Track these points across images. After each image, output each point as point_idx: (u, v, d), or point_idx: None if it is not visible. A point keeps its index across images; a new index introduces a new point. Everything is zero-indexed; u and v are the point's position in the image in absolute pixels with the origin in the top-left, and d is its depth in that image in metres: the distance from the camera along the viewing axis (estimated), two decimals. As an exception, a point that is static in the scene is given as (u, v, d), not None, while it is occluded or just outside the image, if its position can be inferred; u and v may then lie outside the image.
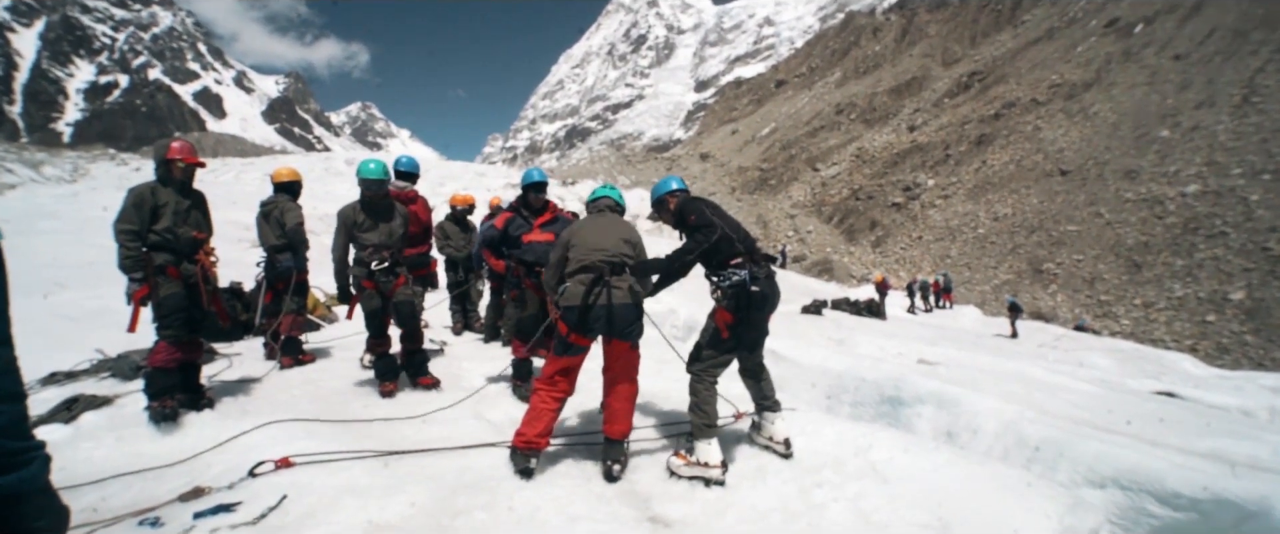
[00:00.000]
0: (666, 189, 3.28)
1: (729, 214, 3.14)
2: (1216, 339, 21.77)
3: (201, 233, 3.56)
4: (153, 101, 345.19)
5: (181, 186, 3.49)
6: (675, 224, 3.12)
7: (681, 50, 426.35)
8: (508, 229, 4.28)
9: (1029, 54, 51.98)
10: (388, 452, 3.02)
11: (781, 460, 3.05)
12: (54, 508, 1.02)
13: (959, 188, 39.96)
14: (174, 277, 3.41)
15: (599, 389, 4.59)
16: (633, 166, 64.21)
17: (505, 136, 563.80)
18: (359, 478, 2.70)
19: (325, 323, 6.44)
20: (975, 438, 4.04)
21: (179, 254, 3.45)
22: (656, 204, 3.30)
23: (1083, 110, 39.11)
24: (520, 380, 4.20)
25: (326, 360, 5.10)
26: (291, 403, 3.84)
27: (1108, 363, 12.37)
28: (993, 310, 25.88)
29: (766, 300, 2.96)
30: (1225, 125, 30.51)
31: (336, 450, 2.95)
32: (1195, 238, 26.13)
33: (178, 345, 3.41)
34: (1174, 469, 3.07)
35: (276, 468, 2.75)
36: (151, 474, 2.76)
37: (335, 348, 5.51)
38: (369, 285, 4.09)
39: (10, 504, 0.94)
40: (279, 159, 38.88)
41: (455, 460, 2.97)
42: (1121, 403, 6.82)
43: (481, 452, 3.07)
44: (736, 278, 2.83)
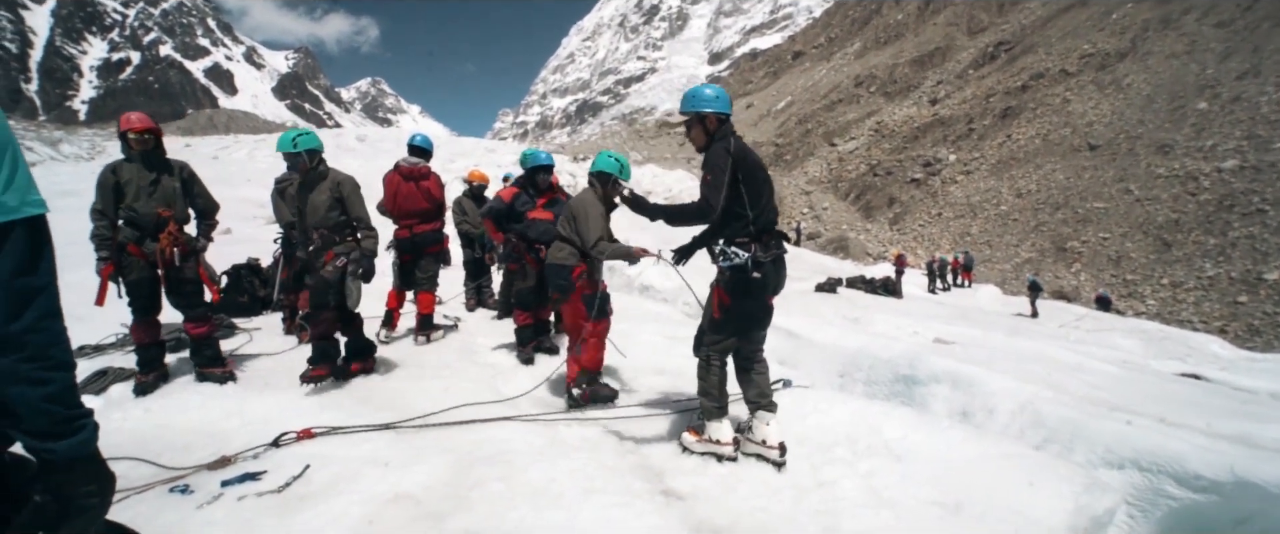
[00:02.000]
0: (701, 104, 2.70)
1: (762, 176, 2.70)
2: (1247, 320, 21.20)
3: (167, 210, 3.49)
4: (165, 78, 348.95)
5: (145, 158, 3.46)
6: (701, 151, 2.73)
7: (695, 21, 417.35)
8: (514, 204, 4.43)
9: (1060, 22, 49.93)
10: (405, 424, 3.09)
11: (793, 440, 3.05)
12: (102, 474, 1.06)
13: (981, 163, 38.97)
14: (135, 255, 3.43)
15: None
16: (645, 142, 63.57)
17: (516, 112, 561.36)
18: (379, 450, 2.77)
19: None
20: (991, 418, 4.01)
21: (142, 231, 3.45)
22: (689, 121, 2.77)
23: (1115, 82, 37.64)
24: (522, 346, 4.50)
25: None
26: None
27: (1131, 344, 12.14)
28: (1013, 289, 25.44)
29: (765, 287, 2.67)
30: (1269, 97, 29.16)
31: (356, 423, 3.02)
32: (1230, 215, 25.25)
33: (141, 325, 3.51)
34: (1195, 451, 3.02)
35: (299, 439, 2.83)
36: (179, 444, 2.85)
37: (354, 323, 5.60)
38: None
39: (62, 470, 0.98)
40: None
41: (472, 433, 3.03)
42: (1144, 384, 6.70)
43: (498, 425, 3.13)
44: (737, 260, 2.57)
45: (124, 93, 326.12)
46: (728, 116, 2.73)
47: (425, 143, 5.04)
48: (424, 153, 4.96)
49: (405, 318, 5.37)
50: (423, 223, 4.84)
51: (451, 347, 4.95)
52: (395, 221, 4.91)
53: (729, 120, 2.73)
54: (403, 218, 4.84)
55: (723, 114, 2.70)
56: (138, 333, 3.54)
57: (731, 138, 2.65)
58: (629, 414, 3.32)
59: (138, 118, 3.48)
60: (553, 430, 3.05)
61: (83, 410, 1.02)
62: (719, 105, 2.70)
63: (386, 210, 4.92)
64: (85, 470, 1.02)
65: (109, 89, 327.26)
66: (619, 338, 5.30)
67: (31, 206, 0.96)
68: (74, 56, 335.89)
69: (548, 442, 2.89)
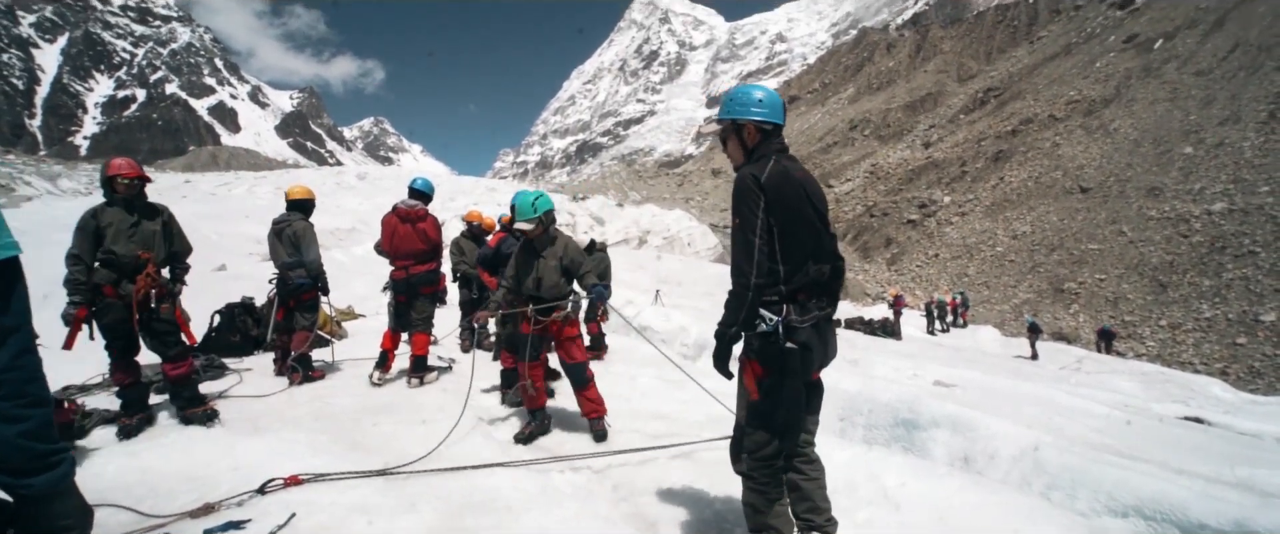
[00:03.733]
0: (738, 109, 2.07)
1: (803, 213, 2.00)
2: (1248, 362, 21.09)
3: (147, 252, 3.52)
4: (169, 115, 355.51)
5: (128, 203, 3.51)
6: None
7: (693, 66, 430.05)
8: (501, 248, 4.47)
9: (1046, 70, 51.60)
10: (396, 471, 3.03)
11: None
12: (80, 507, 1.09)
13: (976, 205, 39.52)
14: (109, 296, 3.42)
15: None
16: (644, 182, 64.51)
17: (516, 151, 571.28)
18: (368, 497, 2.71)
19: (336, 339, 6.51)
20: (991, 463, 3.94)
21: (120, 272, 3.45)
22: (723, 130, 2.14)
23: (1103, 127, 38.61)
24: (507, 389, 4.51)
25: (337, 377, 5.14)
26: (301, 420, 3.87)
27: (1132, 386, 12.03)
28: (1012, 330, 25.38)
29: (809, 363, 1.99)
30: (1251, 142, 29.90)
31: (345, 469, 2.96)
32: (1223, 257, 25.47)
33: (121, 366, 3.49)
34: (1199, 499, 2.97)
35: (286, 485, 2.76)
36: (163, 489, 2.78)
37: (346, 365, 5.56)
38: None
39: (40, 504, 1.00)
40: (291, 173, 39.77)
41: (463, 480, 2.96)
42: (1146, 428, 6.62)
43: (489, 472, 3.06)
44: (765, 326, 1.93)
45: (127, 129, 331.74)
46: (777, 128, 2.08)
47: (426, 186, 5.12)
48: (423, 196, 5.04)
49: (400, 359, 5.33)
50: (418, 263, 4.88)
51: (445, 389, 4.89)
52: (391, 262, 4.94)
53: (779, 133, 2.08)
54: (399, 258, 4.88)
55: (769, 124, 2.04)
56: (118, 375, 3.53)
57: (772, 158, 1.99)
58: (623, 461, 3.26)
59: (127, 164, 3.55)
60: (545, 477, 3.00)
61: (60, 446, 1.05)
62: (765, 112, 2.03)
63: (383, 251, 4.96)
64: (63, 505, 1.03)
65: (112, 125, 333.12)
66: (616, 380, 5.26)
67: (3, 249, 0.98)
68: (80, 93, 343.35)
69: (540, 489, 2.83)
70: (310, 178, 39.29)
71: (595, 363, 6.33)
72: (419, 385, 4.89)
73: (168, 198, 18.05)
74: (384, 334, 5.01)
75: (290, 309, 5.00)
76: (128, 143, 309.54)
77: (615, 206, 38.33)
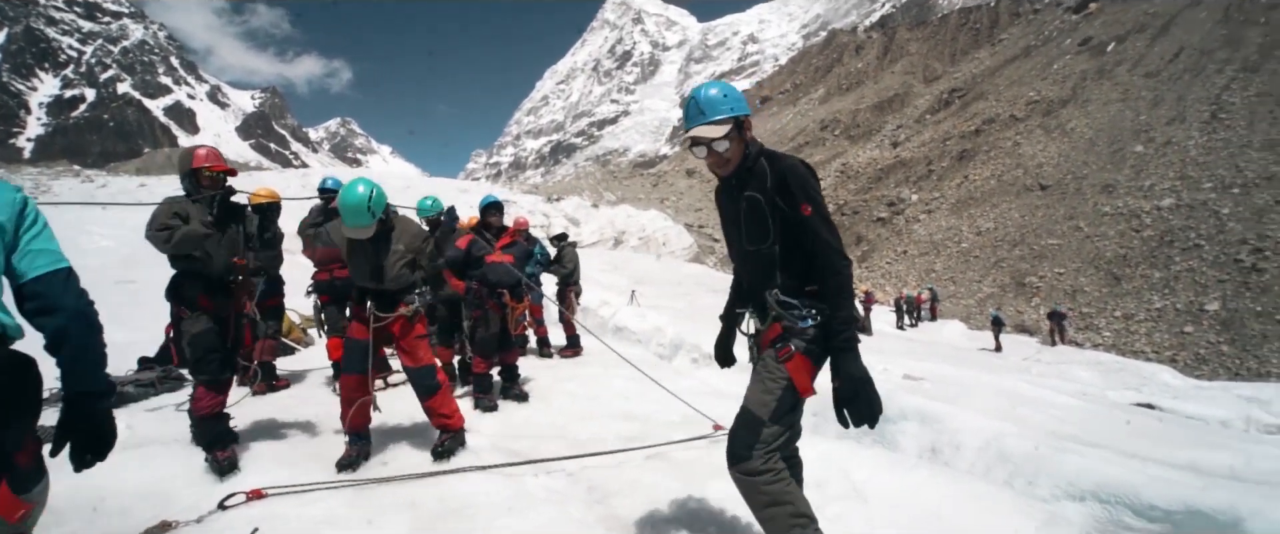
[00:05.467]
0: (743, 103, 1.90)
1: None
2: (1194, 350, 22.14)
3: (242, 258, 3.18)
4: (122, 116, 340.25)
5: (215, 202, 3.08)
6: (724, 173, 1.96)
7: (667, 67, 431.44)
8: (470, 250, 4.41)
9: (1007, 71, 53.29)
10: (365, 480, 2.97)
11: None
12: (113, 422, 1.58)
13: (942, 203, 40.59)
14: (206, 307, 3.04)
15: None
16: (619, 183, 64.49)
17: (489, 152, 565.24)
18: (335, 509, 2.64)
19: (301, 347, 6.34)
20: (958, 454, 4.06)
21: (211, 282, 3.07)
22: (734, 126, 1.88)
23: (1060, 126, 40.06)
24: (481, 394, 4.39)
25: (301, 386, 5.01)
26: (265, 431, 3.76)
27: (1090, 375, 12.52)
28: (978, 324, 26.13)
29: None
30: (1196, 141, 31.42)
31: (312, 481, 2.89)
32: (1171, 250, 26.70)
33: (216, 388, 3.08)
34: (1150, 482, 3.11)
35: (248, 500, 2.68)
36: (116, 508, 2.67)
37: (311, 373, 5.42)
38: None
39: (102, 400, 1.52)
40: (254, 176, 38.53)
41: (434, 487, 2.92)
42: (1103, 416, 6.90)
43: (461, 477, 3.02)
44: (812, 321, 1.87)
45: (76, 130, 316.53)
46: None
47: (337, 184, 4.91)
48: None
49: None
50: (344, 267, 4.71)
51: (410, 393, 4.80)
52: (315, 266, 4.77)
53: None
54: (325, 263, 4.69)
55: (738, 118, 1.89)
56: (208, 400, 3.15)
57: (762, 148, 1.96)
58: (598, 462, 3.25)
59: (212, 153, 3.15)
60: (518, 482, 2.97)
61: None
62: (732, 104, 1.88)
63: (309, 257, 4.80)
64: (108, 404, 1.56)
65: (59, 126, 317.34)
66: (590, 382, 5.24)
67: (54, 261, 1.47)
68: (22, 93, 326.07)
69: (513, 494, 2.81)
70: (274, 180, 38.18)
71: (570, 362, 6.32)
72: (384, 388, 4.78)
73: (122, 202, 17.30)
74: (329, 343, 4.83)
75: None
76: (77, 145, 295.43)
77: (590, 207, 38.21)
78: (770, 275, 1.94)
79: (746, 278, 2.06)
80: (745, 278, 2.08)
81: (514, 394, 4.58)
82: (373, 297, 3.19)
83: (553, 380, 5.26)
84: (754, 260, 1.96)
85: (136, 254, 3.33)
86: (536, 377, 5.29)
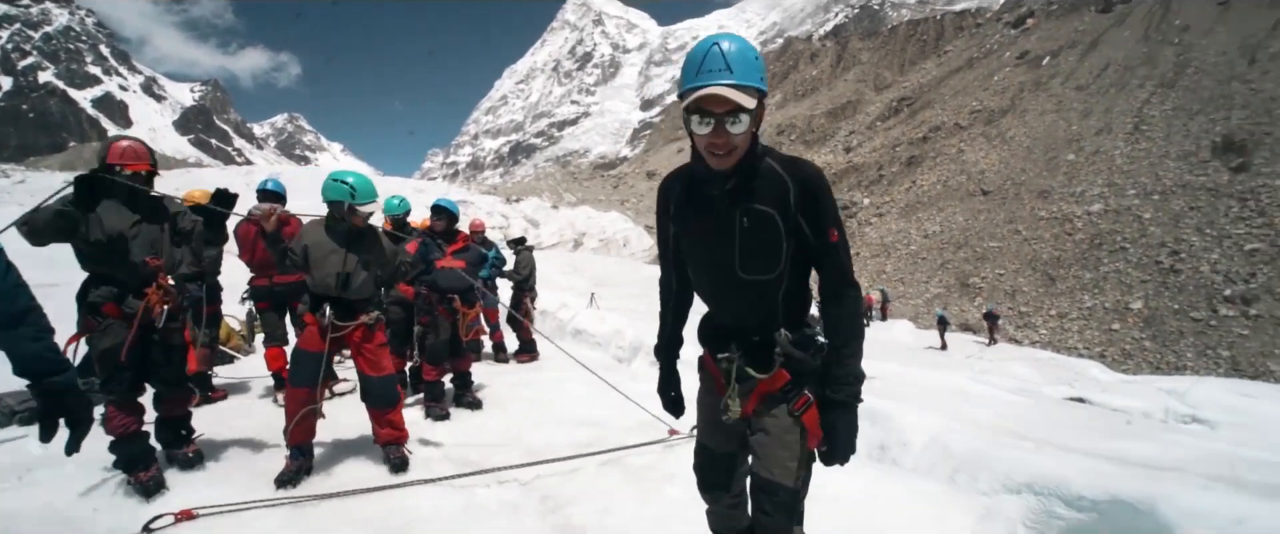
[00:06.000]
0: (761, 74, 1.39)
1: None
2: (1121, 346, 23.73)
3: (156, 259, 2.86)
4: (43, 107, 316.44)
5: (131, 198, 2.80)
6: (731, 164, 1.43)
7: (627, 69, 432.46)
8: (424, 254, 4.28)
9: (952, 81, 55.86)
10: (306, 497, 2.83)
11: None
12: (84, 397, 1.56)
13: (892, 206, 42.15)
14: (114, 316, 2.75)
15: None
16: (579, 184, 64.22)
17: (446, 151, 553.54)
18: (273, 528, 2.51)
19: (240, 355, 6.02)
20: (905, 451, 4.20)
21: (123, 287, 2.80)
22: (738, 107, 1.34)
23: (1000, 134, 42.25)
24: (432, 402, 4.27)
25: (240, 397, 4.75)
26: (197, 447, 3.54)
27: (1027, 371, 13.22)
28: (925, 323, 27.22)
29: None
30: (1121, 150, 33.70)
31: (248, 499, 2.73)
32: (1100, 252, 28.54)
33: (127, 408, 2.79)
34: (1079, 473, 3.29)
35: (177, 521, 2.51)
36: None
37: (252, 383, 5.15)
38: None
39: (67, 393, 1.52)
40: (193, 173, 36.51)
41: (380, 502, 2.81)
42: (1039, 410, 7.29)
43: (408, 491, 2.92)
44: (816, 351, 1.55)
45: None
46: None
47: (278, 186, 4.73)
48: (278, 198, 4.69)
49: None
50: (285, 273, 4.54)
51: (358, 404, 4.63)
52: (253, 271, 4.56)
53: None
54: (264, 268, 4.50)
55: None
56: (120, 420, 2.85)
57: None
58: (552, 471, 3.21)
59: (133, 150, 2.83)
60: (468, 494, 2.89)
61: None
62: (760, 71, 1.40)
63: (246, 262, 4.60)
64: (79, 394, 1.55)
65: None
66: (545, 387, 5.18)
67: None
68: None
69: (463, 507, 2.73)
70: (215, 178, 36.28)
71: (526, 367, 6.22)
72: (329, 398, 4.58)
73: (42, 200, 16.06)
74: (267, 352, 4.61)
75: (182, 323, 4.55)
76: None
77: (550, 209, 37.88)
78: (772, 311, 1.54)
79: (730, 311, 1.61)
80: (728, 311, 1.62)
81: (467, 402, 4.48)
82: (331, 304, 3.05)
83: (507, 386, 5.17)
84: (750, 292, 1.53)
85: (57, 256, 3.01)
86: (491, 383, 5.18)
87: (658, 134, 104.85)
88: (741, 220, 1.47)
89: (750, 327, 1.57)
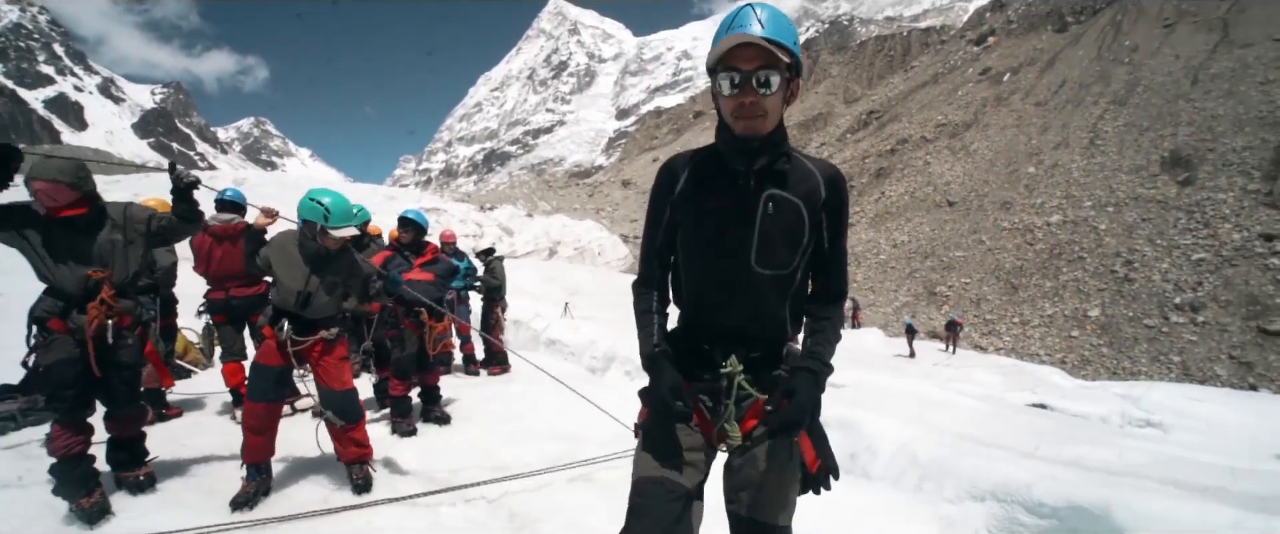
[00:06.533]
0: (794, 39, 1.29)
1: None
2: (1080, 352, 24.60)
3: (100, 271, 2.68)
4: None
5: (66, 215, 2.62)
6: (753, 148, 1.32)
7: (603, 78, 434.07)
8: (388, 267, 4.17)
9: (918, 96, 57.57)
10: (263, 519, 2.72)
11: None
12: None
13: (862, 217, 43.07)
14: (59, 331, 2.61)
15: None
16: (554, 192, 64.01)
17: (419, 158, 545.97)
18: (227, 552, 2.40)
19: (197, 369, 5.79)
20: (874, 459, 4.26)
21: (67, 300, 2.64)
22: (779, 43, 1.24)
23: (964, 147, 43.65)
24: (400, 417, 4.18)
25: (197, 414, 4.56)
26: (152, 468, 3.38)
27: (992, 379, 13.56)
28: (894, 331, 27.80)
29: None
30: (1078, 164, 35.14)
31: (201, 524, 2.61)
32: (1059, 262, 29.61)
33: (72, 426, 2.62)
34: (1040, 480, 3.38)
35: (120, 547, 2.39)
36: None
37: (208, 399, 4.95)
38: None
39: None
40: (152, 177, 35.17)
41: (342, 523, 2.72)
42: (1002, 417, 7.47)
43: (372, 512, 2.84)
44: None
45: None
46: None
47: (237, 196, 4.61)
48: (237, 208, 4.56)
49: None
50: (244, 286, 4.36)
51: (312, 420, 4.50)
52: (209, 283, 4.42)
53: None
54: (221, 280, 4.35)
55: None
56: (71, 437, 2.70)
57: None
58: (520, 486, 3.15)
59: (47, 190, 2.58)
60: (434, 513, 2.82)
61: None
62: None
63: (202, 274, 4.45)
64: None
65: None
66: (516, 401, 5.11)
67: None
68: None
69: (427, 526, 2.66)
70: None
71: (497, 380, 6.13)
72: (291, 414, 4.43)
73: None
74: (224, 368, 4.45)
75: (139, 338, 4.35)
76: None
77: (525, 217, 37.62)
78: (778, 312, 1.42)
79: (735, 311, 1.40)
80: (731, 311, 1.41)
81: (434, 416, 4.38)
82: (290, 319, 2.98)
83: (477, 400, 5.08)
84: (760, 289, 1.38)
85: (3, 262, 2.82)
86: (460, 397, 5.09)
87: (633, 143, 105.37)
88: (766, 205, 1.35)
89: (753, 333, 1.42)
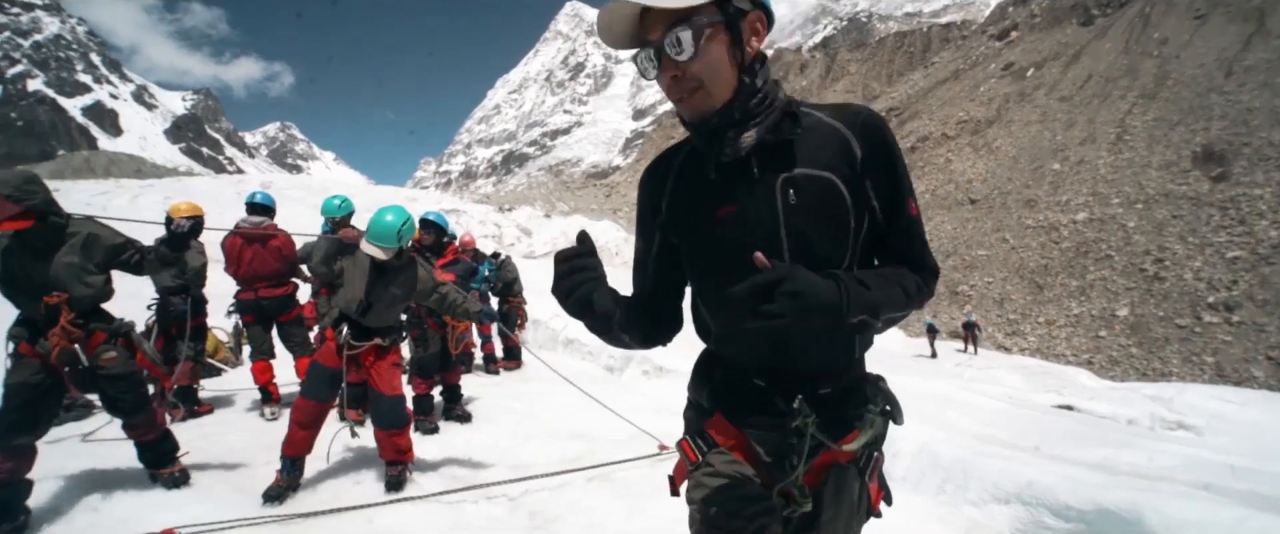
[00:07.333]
0: None
1: None
2: (1107, 353, 23.96)
3: (55, 295, 2.58)
4: (31, 115, 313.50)
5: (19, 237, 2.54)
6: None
7: (619, 79, 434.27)
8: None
9: (938, 92, 56.60)
10: (291, 514, 2.79)
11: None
12: None
13: (882, 215, 42.57)
14: (27, 355, 2.61)
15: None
16: (572, 193, 64.28)
17: (439, 160, 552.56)
18: (256, 546, 2.48)
19: (228, 368, 5.95)
20: (895, 461, 4.22)
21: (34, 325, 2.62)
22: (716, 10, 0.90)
23: (986, 144, 42.80)
24: (422, 416, 4.26)
25: (227, 411, 4.69)
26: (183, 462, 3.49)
27: (1016, 379, 13.31)
28: (915, 331, 27.39)
29: None
30: (1105, 160, 34.22)
31: (232, 517, 2.69)
32: (1086, 261, 28.88)
33: (10, 452, 2.55)
34: (1064, 482, 3.32)
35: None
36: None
37: (238, 397, 5.09)
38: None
39: None
40: (183, 181, 36.08)
41: (368, 520, 2.78)
42: (1027, 418, 7.33)
43: (396, 508, 2.89)
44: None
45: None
46: None
47: (266, 199, 4.70)
48: (267, 210, 4.68)
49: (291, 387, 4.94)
50: (273, 287, 4.51)
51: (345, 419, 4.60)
52: (239, 284, 4.54)
53: None
54: (251, 281, 4.48)
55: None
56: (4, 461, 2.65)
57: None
58: (540, 486, 3.19)
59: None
60: (456, 511, 2.87)
61: None
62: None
63: (232, 275, 4.60)
64: None
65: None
66: (535, 400, 5.16)
67: None
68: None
69: (451, 525, 2.71)
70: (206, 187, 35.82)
71: (516, 380, 6.20)
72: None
73: (23, 211, 15.81)
74: (253, 366, 4.56)
75: (172, 337, 4.50)
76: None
77: (543, 218, 37.87)
78: (842, 338, 1.05)
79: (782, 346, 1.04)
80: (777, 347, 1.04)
81: (456, 415, 4.46)
82: (349, 324, 3.08)
83: (497, 399, 5.14)
84: None
85: None
86: (481, 395, 5.16)
87: (650, 144, 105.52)
88: (785, 195, 0.96)
89: (816, 365, 1.05)
